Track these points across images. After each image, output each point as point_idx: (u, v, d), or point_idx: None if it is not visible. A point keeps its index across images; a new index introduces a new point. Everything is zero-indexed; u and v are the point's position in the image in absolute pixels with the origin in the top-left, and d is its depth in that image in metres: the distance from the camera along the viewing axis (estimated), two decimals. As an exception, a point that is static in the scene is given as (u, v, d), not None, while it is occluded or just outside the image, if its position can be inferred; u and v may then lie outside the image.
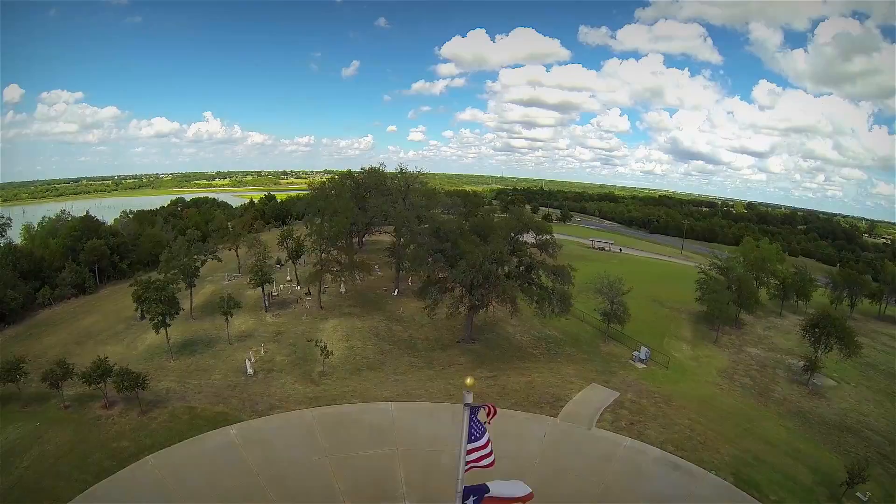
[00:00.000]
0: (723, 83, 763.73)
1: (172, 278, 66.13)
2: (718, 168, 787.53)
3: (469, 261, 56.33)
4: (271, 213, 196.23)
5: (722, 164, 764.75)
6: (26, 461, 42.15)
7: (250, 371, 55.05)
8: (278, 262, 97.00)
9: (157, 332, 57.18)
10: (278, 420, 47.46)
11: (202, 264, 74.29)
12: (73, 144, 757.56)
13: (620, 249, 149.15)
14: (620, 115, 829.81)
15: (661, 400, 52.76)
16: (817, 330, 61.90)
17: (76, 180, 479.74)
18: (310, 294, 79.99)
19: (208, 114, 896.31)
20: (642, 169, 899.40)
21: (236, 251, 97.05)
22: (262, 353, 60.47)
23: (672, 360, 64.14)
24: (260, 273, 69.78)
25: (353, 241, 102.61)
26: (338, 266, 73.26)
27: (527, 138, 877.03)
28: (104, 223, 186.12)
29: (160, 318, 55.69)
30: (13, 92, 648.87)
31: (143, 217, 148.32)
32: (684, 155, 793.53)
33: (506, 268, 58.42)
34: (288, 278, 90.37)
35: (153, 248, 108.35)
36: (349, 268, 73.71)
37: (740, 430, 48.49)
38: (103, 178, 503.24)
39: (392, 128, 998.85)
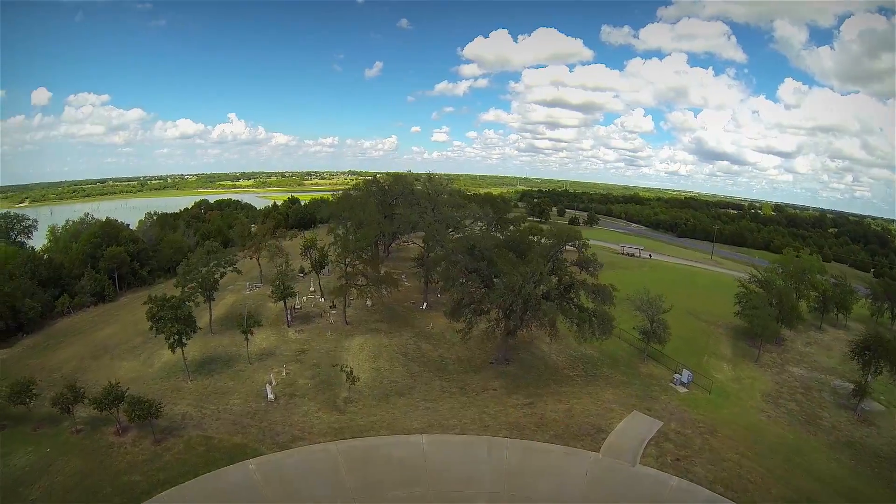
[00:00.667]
0: (747, 82, 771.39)
1: (189, 294, 64.49)
2: (744, 168, 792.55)
3: (508, 283, 53.06)
4: (295, 217, 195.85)
5: (747, 164, 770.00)
6: (34, 493, 40.59)
7: (271, 396, 52.70)
8: (302, 270, 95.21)
9: (172, 351, 55.34)
10: (301, 455, 44.88)
11: (222, 276, 72.69)
12: (100, 146, 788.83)
13: (650, 255, 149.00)
14: (644, 116, 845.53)
15: (705, 430, 50.14)
16: (867, 353, 58.83)
17: (103, 181, 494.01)
18: (334, 307, 77.64)
19: (232, 115, 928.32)
20: (667, 170, 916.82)
21: (258, 260, 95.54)
22: (284, 374, 58.15)
23: (713, 381, 61.45)
24: (282, 287, 67.60)
25: (379, 249, 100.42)
26: (364, 280, 70.64)
27: (550, 139, 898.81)
28: (126, 227, 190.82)
29: (176, 337, 53.78)
30: (41, 95, 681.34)
31: (165, 221, 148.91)
32: (709, 155, 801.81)
33: (544, 287, 54.88)
34: (311, 289, 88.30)
35: (173, 255, 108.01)
36: (375, 282, 71.02)
37: (791, 465, 45.72)
38: (129, 179, 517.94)
39: (416, 128, 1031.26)
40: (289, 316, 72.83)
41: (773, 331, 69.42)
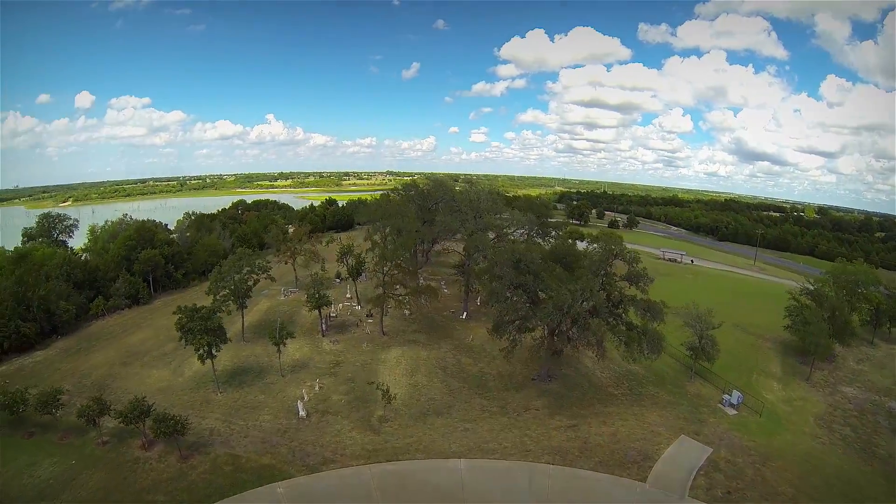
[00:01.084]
0: (789, 79, 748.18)
1: (220, 303, 63.40)
2: (785, 169, 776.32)
3: (556, 301, 49.62)
4: (332, 219, 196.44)
5: (789, 165, 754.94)
6: (56, 510, 39.75)
7: (302, 413, 50.61)
8: (338, 276, 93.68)
9: (202, 363, 53.98)
10: (332, 479, 42.50)
11: (255, 283, 71.51)
12: (141, 147, 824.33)
13: (692, 261, 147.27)
14: (683, 116, 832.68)
15: (757, 459, 47.12)
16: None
17: (143, 181, 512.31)
18: (371, 316, 75.47)
19: (270, 116, 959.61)
20: (706, 171, 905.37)
21: (293, 264, 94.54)
22: (317, 389, 56.05)
23: (763, 402, 57.69)
24: (317, 295, 65.74)
25: (418, 255, 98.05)
26: (402, 289, 68.25)
27: (588, 139, 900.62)
28: (164, 227, 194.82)
29: (206, 349, 52.40)
30: (84, 98, 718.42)
31: (201, 223, 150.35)
32: (749, 156, 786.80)
33: (592, 302, 51.20)
34: (348, 295, 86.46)
35: (208, 258, 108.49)
36: (414, 293, 68.49)
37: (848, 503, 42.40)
38: (169, 179, 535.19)
39: (454, 129, 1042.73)
40: (324, 325, 71.00)
41: (826, 349, 65.30)
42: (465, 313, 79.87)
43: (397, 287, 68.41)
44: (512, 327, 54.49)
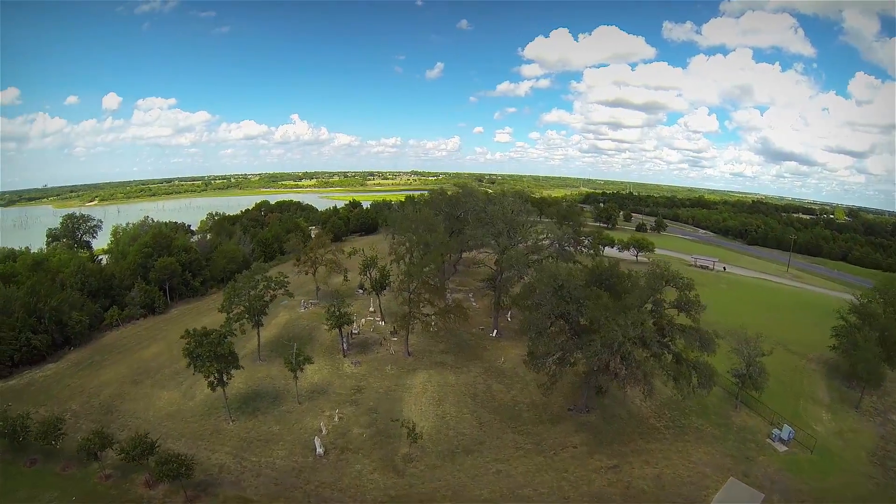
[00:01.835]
0: (816, 77, 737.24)
1: (234, 319, 60.27)
2: (813, 169, 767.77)
3: (605, 339, 44.75)
4: (356, 222, 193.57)
5: (816, 165, 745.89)
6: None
7: (320, 450, 46.71)
8: (361, 286, 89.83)
9: (212, 390, 50.54)
10: (351, 532, 38.67)
11: (272, 299, 68.15)
12: (167, 147, 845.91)
13: (724, 268, 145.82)
14: (708, 115, 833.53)
15: None
16: None
17: (169, 181, 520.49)
18: (395, 333, 71.58)
19: (295, 116, 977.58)
20: (732, 171, 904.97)
21: (314, 274, 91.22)
22: (336, 420, 52.16)
23: (814, 435, 53.56)
24: (337, 314, 61.97)
25: (445, 263, 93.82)
26: (429, 307, 64.17)
27: (613, 139, 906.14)
28: (186, 229, 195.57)
29: (216, 376, 48.97)
30: (111, 100, 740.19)
31: (222, 226, 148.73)
32: (776, 156, 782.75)
33: (640, 330, 46.15)
34: (371, 309, 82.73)
35: (227, 265, 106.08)
36: (442, 313, 64.26)
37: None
38: (194, 179, 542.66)
39: (478, 129, 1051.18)
40: (345, 344, 67.27)
41: (878, 375, 61.06)
42: (495, 331, 75.51)
43: (424, 305, 64.24)
44: (551, 360, 49.68)
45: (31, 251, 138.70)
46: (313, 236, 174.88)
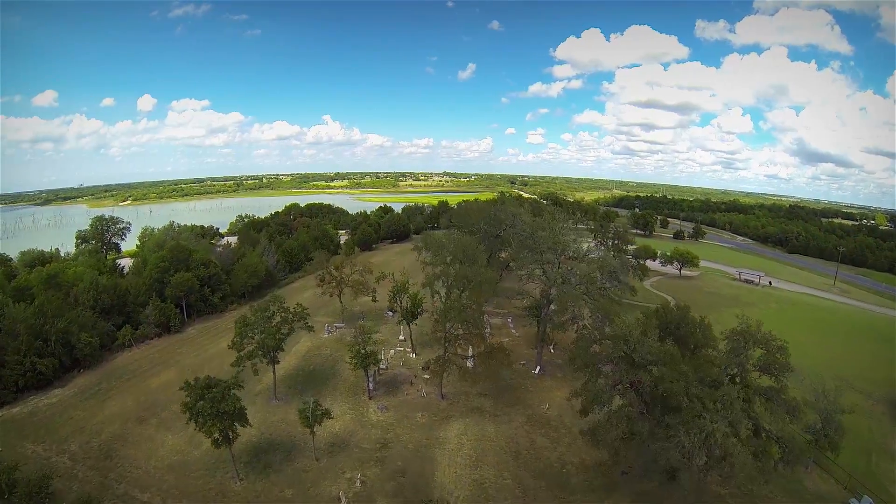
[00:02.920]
0: (853, 76, 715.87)
1: (241, 363, 54.24)
2: (850, 171, 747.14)
3: (699, 429, 36.15)
4: (387, 228, 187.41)
5: (854, 166, 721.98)
6: None
7: (337, 530, 39.86)
8: (390, 308, 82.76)
9: (216, 447, 44.02)
10: None
11: (289, 333, 61.61)
12: (200, 147, 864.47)
13: (770, 282, 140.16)
14: (742, 115, 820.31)
15: None
16: None
17: (201, 181, 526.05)
18: (427, 369, 64.44)
19: (327, 117, 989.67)
20: (766, 173, 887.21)
21: (339, 295, 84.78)
22: (358, 484, 45.03)
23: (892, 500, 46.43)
24: (362, 352, 55.05)
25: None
26: (466, 345, 56.84)
27: (645, 141, 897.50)
28: (215, 231, 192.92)
29: (219, 435, 42.49)
30: (146, 102, 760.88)
31: (247, 235, 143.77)
32: (812, 157, 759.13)
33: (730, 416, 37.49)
34: (401, 337, 75.80)
35: (248, 280, 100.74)
36: (483, 358, 56.86)
37: None
38: (226, 179, 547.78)
39: (510, 130, 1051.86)
40: (370, 383, 60.32)
41: None
42: (538, 367, 67.81)
43: (460, 342, 56.85)
44: (615, 435, 41.41)
45: (61, 252, 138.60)
46: (342, 244, 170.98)
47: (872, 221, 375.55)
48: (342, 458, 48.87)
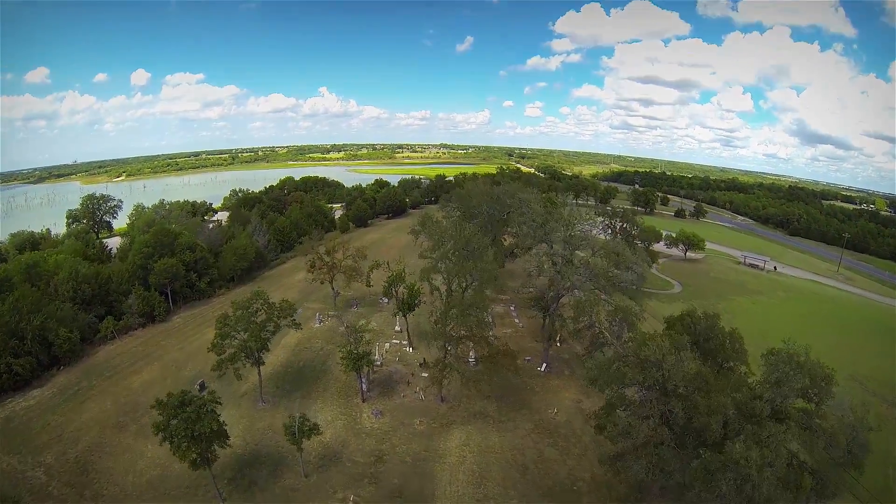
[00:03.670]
0: (856, 59, 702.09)
1: (223, 367, 49.21)
2: (849, 154, 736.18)
3: (744, 479, 31.22)
4: (383, 203, 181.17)
5: (853, 149, 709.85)
6: None
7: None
8: (385, 295, 77.23)
9: (193, 469, 39.20)
10: None
11: (275, 331, 56.44)
12: (195, 121, 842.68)
13: (775, 267, 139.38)
14: (743, 94, 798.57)
15: None
16: None
17: (196, 154, 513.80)
18: (425, 365, 59.66)
19: (324, 89, 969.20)
20: (765, 152, 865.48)
21: (331, 281, 79.42)
22: (351, 508, 40.60)
23: None
24: (355, 355, 49.93)
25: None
26: (470, 346, 51.81)
27: (644, 116, 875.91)
28: (208, 205, 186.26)
29: (196, 456, 37.57)
30: (140, 76, 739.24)
31: (239, 213, 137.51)
32: (812, 138, 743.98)
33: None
34: (397, 328, 70.76)
35: (237, 263, 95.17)
36: (486, 360, 51.87)
37: None
38: (221, 152, 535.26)
39: (508, 103, 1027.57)
40: (364, 384, 55.43)
41: None
42: (544, 364, 63.08)
43: (462, 343, 51.72)
44: (639, 466, 36.49)
45: (52, 233, 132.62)
46: (336, 219, 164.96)
47: (872, 206, 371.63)
48: (333, 474, 44.13)
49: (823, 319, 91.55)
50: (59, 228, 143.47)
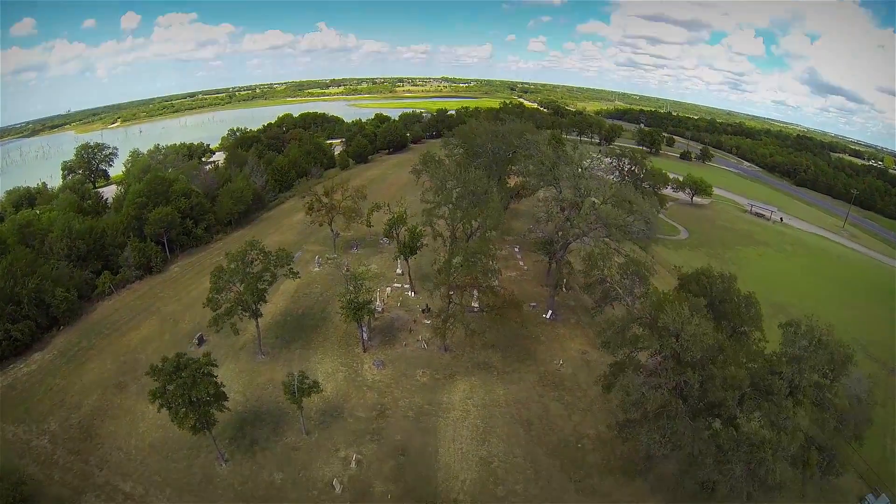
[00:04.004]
0: (875, 12, 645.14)
1: (221, 322, 46.78)
2: (860, 107, 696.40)
3: (757, 463, 29.09)
4: (384, 138, 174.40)
5: (865, 103, 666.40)
6: None
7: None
8: (386, 236, 73.45)
9: (194, 434, 37.65)
10: None
11: (272, 282, 53.72)
12: (190, 61, 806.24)
13: (781, 218, 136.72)
14: (755, 37, 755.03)
15: None
16: None
17: (192, 95, 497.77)
18: (428, 311, 57.15)
19: (322, 24, 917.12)
20: (774, 98, 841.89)
21: (329, 223, 75.93)
22: (353, 465, 38.98)
23: None
24: (355, 304, 47.10)
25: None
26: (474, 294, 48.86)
27: (651, 55, 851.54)
28: (206, 146, 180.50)
29: (196, 422, 36.08)
30: (130, 19, 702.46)
31: (235, 153, 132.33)
32: (823, 88, 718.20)
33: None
34: (399, 271, 67.92)
35: (234, 206, 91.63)
36: (492, 311, 49.00)
37: None
38: (218, 92, 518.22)
39: (511, 37, 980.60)
40: (365, 333, 53.13)
41: None
42: (550, 311, 60.59)
43: (467, 290, 48.70)
44: (650, 440, 34.37)
45: (48, 186, 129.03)
46: (336, 155, 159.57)
47: (880, 163, 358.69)
48: (335, 431, 42.65)
49: (829, 278, 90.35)
50: (56, 181, 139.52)
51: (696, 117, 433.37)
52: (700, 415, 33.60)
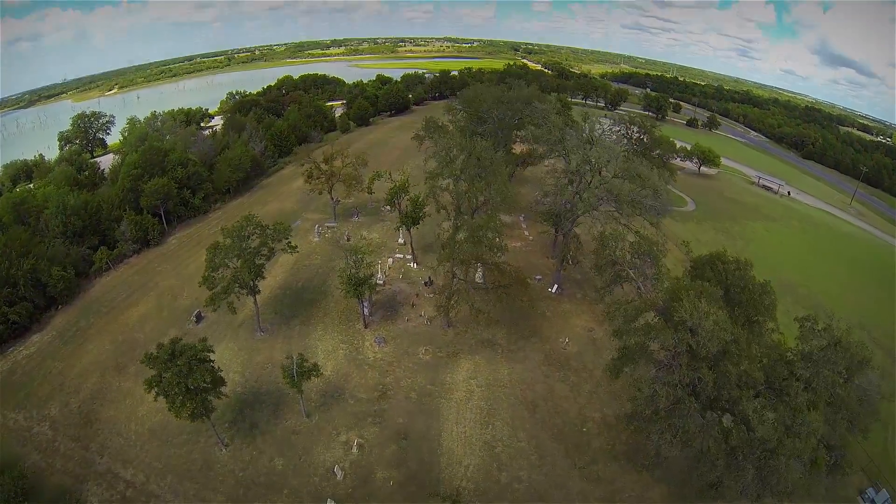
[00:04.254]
0: None
1: (218, 301, 44.75)
2: (871, 81, 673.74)
3: (771, 470, 27.94)
4: (385, 100, 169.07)
5: (875, 77, 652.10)
6: None
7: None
8: (389, 202, 70.29)
9: (192, 421, 36.10)
10: None
11: (270, 256, 51.46)
12: (188, 24, 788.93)
13: (789, 192, 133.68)
14: (766, 4, 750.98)
15: None
16: None
17: (191, 59, 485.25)
18: (430, 284, 54.87)
19: None
20: (783, 67, 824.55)
21: (329, 192, 73.01)
22: (355, 449, 37.43)
23: None
24: (353, 283, 44.80)
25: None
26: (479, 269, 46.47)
27: (659, 18, 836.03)
28: (205, 111, 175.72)
29: (193, 410, 34.57)
30: None
31: (233, 119, 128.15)
32: (833, 60, 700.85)
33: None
34: (401, 241, 65.41)
35: (232, 174, 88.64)
36: (496, 288, 46.60)
37: None
38: (216, 54, 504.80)
39: None
40: (366, 309, 51.03)
41: None
42: (556, 285, 58.36)
43: (472, 266, 46.20)
44: (660, 438, 32.68)
45: (45, 157, 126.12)
46: (337, 118, 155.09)
47: (889, 140, 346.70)
48: (336, 413, 41.10)
49: (836, 257, 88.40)
50: (53, 152, 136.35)
51: (703, 83, 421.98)
52: (710, 408, 31.74)
